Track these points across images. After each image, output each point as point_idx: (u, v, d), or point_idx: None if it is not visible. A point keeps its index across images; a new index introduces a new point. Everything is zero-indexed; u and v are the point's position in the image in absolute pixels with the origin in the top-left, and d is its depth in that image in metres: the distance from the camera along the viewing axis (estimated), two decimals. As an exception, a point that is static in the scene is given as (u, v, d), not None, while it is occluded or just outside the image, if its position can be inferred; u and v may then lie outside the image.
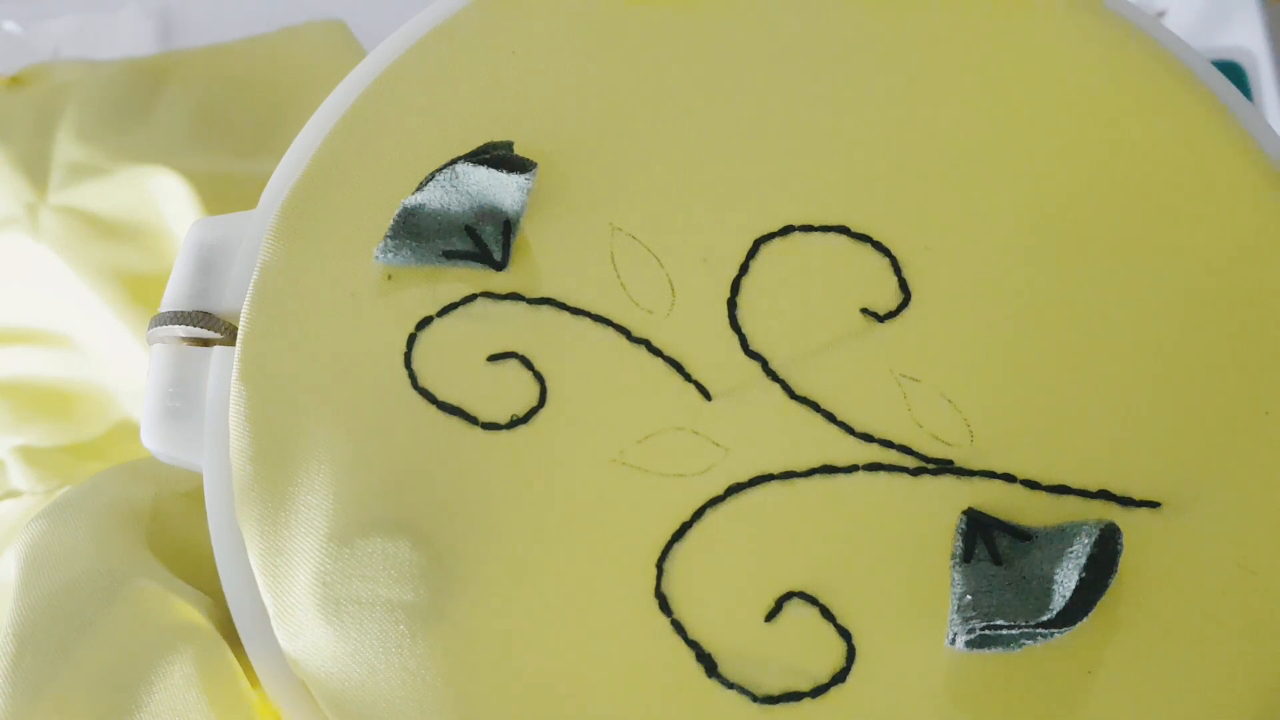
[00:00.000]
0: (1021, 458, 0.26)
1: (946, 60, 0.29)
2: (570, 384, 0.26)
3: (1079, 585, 0.23)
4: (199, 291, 0.29)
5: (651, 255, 0.28)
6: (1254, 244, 0.28)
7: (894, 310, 0.27)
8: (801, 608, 0.25)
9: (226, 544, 0.27)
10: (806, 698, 0.24)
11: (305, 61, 0.48)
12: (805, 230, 0.28)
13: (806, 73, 0.29)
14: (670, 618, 0.25)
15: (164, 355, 0.28)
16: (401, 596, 0.25)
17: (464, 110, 0.29)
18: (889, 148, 0.29)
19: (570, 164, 0.28)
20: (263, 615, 0.26)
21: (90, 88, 0.45)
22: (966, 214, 0.28)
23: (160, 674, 0.25)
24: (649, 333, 0.27)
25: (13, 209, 0.42)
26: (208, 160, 0.44)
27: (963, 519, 0.25)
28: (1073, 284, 0.27)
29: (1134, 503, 0.26)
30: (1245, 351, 0.27)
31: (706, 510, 0.26)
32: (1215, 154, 0.28)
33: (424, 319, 0.27)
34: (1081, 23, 0.30)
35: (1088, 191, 0.28)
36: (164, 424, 0.28)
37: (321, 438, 0.26)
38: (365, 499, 0.25)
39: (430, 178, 0.27)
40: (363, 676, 0.25)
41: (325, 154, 0.29)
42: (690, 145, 0.29)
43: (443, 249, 0.27)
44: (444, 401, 0.26)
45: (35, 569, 0.27)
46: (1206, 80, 0.29)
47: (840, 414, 0.26)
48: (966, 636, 0.24)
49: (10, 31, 0.52)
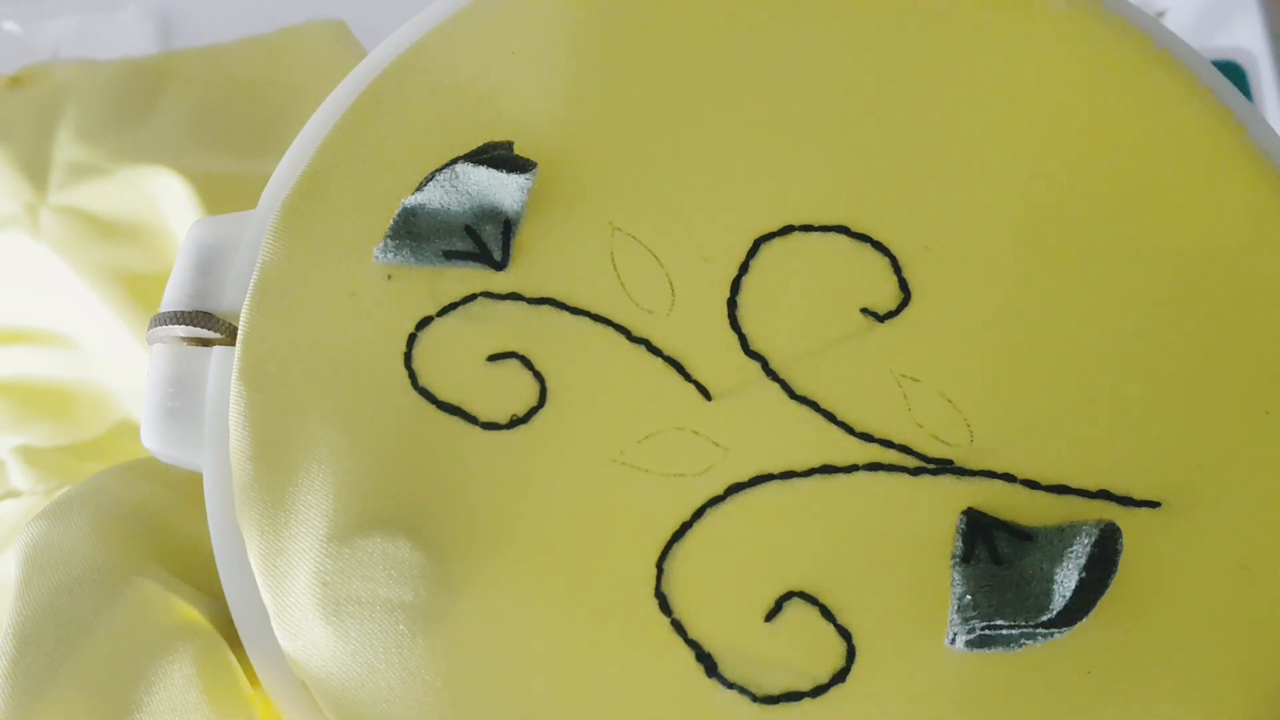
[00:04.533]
0: (1021, 458, 0.26)
1: (946, 60, 0.29)
2: (570, 384, 0.26)
3: (1079, 585, 0.23)
4: (199, 291, 0.29)
5: (651, 255, 0.28)
6: (1253, 244, 0.28)
7: (894, 310, 0.27)
8: (801, 608, 0.25)
9: (226, 544, 0.27)
10: (806, 698, 0.24)
11: (305, 61, 0.48)
12: (805, 230, 0.28)
13: (806, 72, 0.29)
14: (670, 617, 0.25)
15: (164, 355, 0.28)
16: (401, 596, 0.25)
17: (464, 110, 0.29)
18: (889, 147, 0.29)
19: (570, 164, 0.28)
20: (263, 615, 0.26)
21: (90, 88, 0.45)
22: (966, 214, 0.28)
23: (160, 674, 0.25)
24: (649, 332, 0.27)
25: (13, 209, 0.42)
26: (208, 160, 0.44)
27: (963, 519, 0.25)
28: (1072, 283, 0.27)
29: (1134, 503, 0.26)
30: (1245, 351, 0.27)
31: (706, 510, 0.26)
32: (1215, 154, 0.28)
33: (424, 319, 0.27)
34: (1080, 23, 0.30)
35: (1087, 191, 0.28)
36: (164, 424, 0.28)
37: (321, 438, 0.26)
38: (365, 499, 0.25)
39: (430, 178, 0.27)
40: (362, 676, 0.25)
41: (325, 154, 0.29)
42: (690, 145, 0.29)
43: (443, 249, 0.27)
44: (444, 401, 0.26)
45: (35, 569, 0.27)
46: (1206, 80, 0.29)
47: (840, 414, 0.26)
48: (966, 636, 0.24)
49: (10, 31, 0.52)
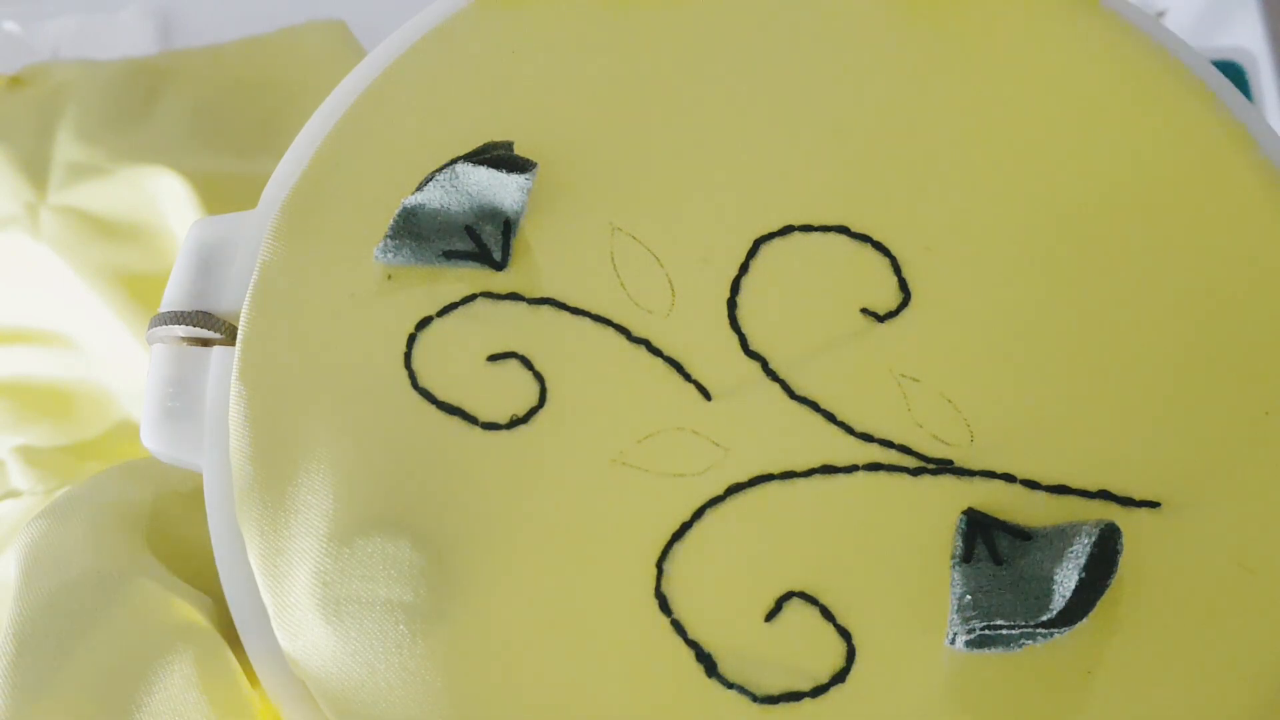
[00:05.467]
0: (1021, 458, 0.26)
1: (946, 60, 0.29)
2: (570, 384, 0.26)
3: (1079, 585, 0.23)
4: (199, 291, 0.29)
5: (651, 255, 0.28)
6: (1253, 244, 0.28)
7: (894, 310, 0.27)
8: (801, 608, 0.25)
9: (226, 544, 0.27)
10: (806, 698, 0.24)
11: (305, 61, 0.48)
12: (805, 230, 0.28)
13: (806, 73, 0.29)
14: (670, 617, 0.25)
15: (164, 355, 0.28)
16: (401, 596, 0.25)
17: (464, 110, 0.29)
18: (889, 147, 0.29)
19: (570, 164, 0.28)
20: (263, 615, 0.26)
21: (90, 88, 0.45)
22: (966, 214, 0.28)
23: (160, 674, 0.25)
24: (649, 333, 0.27)
25: (13, 209, 0.42)
26: (208, 160, 0.44)
27: (963, 519, 0.25)
28: (1072, 284, 0.27)
29: (1134, 503, 0.26)
30: (1245, 351, 0.27)
31: (706, 510, 0.26)
32: (1215, 154, 0.28)
33: (424, 319, 0.27)
34: (1081, 23, 0.30)
35: (1087, 192, 0.28)
36: (164, 424, 0.28)
37: (321, 438, 0.26)
38: (365, 499, 0.25)
39: (430, 178, 0.27)
40: (362, 676, 0.25)
41: (325, 154, 0.29)
42: (690, 145, 0.29)
43: (443, 249, 0.27)
44: (444, 401, 0.26)
45: (35, 569, 0.27)
46: (1207, 80, 0.29)
47: (840, 414, 0.26)
48: (966, 636, 0.24)
49: (10, 31, 0.52)
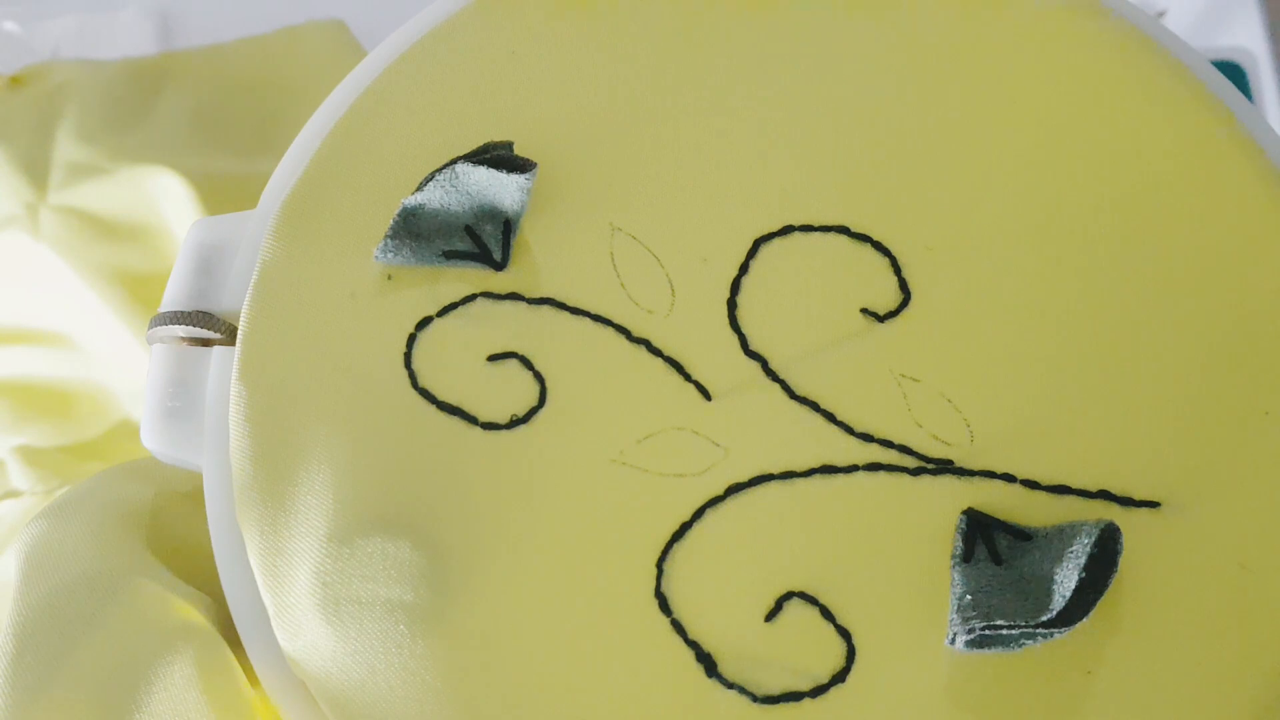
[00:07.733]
0: (1021, 458, 0.26)
1: (946, 60, 0.29)
2: (570, 384, 0.26)
3: (1079, 585, 0.23)
4: (199, 291, 0.29)
5: (651, 255, 0.28)
6: (1253, 244, 0.28)
7: (894, 310, 0.27)
8: (801, 608, 0.25)
9: (226, 544, 0.27)
10: (806, 698, 0.24)
11: (305, 61, 0.48)
12: (805, 230, 0.28)
13: (806, 73, 0.29)
14: (670, 617, 0.25)
15: (164, 355, 0.28)
16: (401, 596, 0.25)
17: (464, 110, 0.29)
18: (889, 147, 0.29)
19: (570, 164, 0.28)
20: (263, 615, 0.26)
21: (90, 88, 0.45)
22: (966, 214, 0.28)
23: (160, 674, 0.25)
24: (649, 333, 0.27)
25: (13, 209, 0.42)
26: (208, 160, 0.44)
27: (963, 519, 0.25)
28: (1072, 284, 0.27)
29: (1134, 503, 0.26)
30: (1245, 351, 0.27)
31: (706, 510, 0.26)
32: (1215, 154, 0.28)
33: (424, 319, 0.27)
34: (1080, 23, 0.30)
35: (1087, 191, 0.28)
36: (164, 424, 0.28)
37: (321, 437, 0.26)
38: (365, 499, 0.25)
39: (430, 178, 0.27)
40: (362, 676, 0.25)
41: (325, 154, 0.29)
42: (690, 145, 0.29)
43: (443, 249, 0.27)
44: (444, 401, 0.26)
45: (35, 569, 0.27)
46: (1206, 80, 0.29)
47: (840, 414, 0.26)
48: (966, 636, 0.24)
49: (10, 31, 0.52)
